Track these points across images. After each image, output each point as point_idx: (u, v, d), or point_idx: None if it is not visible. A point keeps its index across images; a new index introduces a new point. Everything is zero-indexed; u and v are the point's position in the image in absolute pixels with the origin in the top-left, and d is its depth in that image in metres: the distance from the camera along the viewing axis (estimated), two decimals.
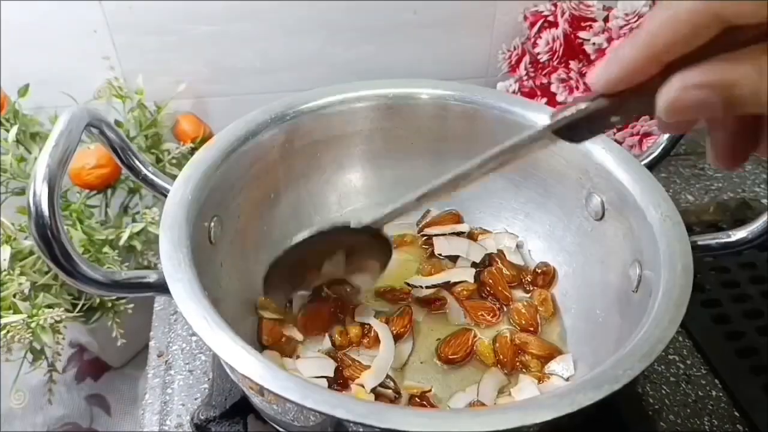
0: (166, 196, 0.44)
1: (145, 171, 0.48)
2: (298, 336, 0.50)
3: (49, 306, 0.59)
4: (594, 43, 0.65)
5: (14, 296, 0.57)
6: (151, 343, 0.56)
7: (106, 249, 0.63)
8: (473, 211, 0.60)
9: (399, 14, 0.72)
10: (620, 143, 0.67)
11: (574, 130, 0.30)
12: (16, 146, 0.65)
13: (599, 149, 0.50)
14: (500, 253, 0.56)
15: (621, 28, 0.64)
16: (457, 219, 0.59)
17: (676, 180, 0.75)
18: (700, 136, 0.81)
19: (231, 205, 0.49)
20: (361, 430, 0.34)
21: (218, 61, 0.72)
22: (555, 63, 0.68)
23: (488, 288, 0.54)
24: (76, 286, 0.38)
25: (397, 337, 0.50)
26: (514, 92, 0.71)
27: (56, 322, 0.58)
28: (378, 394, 0.46)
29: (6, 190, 0.67)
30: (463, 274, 0.54)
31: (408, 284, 0.54)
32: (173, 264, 0.39)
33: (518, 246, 0.58)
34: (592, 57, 0.66)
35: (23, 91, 0.67)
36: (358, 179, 0.59)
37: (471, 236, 0.58)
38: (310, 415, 0.37)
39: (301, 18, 0.70)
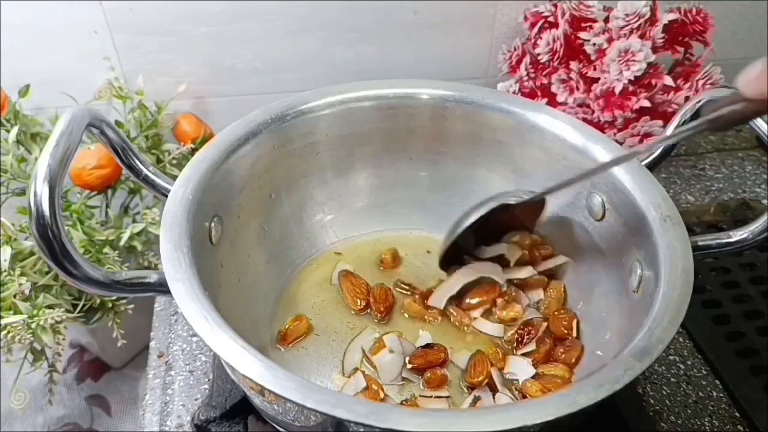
0: (166, 196, 0.44)
1: (145, 171, 0.48)
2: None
3: (50, 306, 0.59)
4: (594, 44, 0.65)
5: (15, 297, 0.57)
6: (152, 344, 0.57)
7: (106, 249, 0.63)
8: None
9: (399, 14, 0.72)
10: (621, 143, 0.67)
11: (724, 124, 0.38)
12: (16, 147, 0.65)
13: (599, 149, 0.50)
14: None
15: (621, 28, 0.64)
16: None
17: (677, 180, 0.75)
18: (700, 136, 0.81)
19: (231, 205, 0.49)
20: (361, 430, 0.34)
21: (218, 61, 0.72)
22: (555, 63, 0.68)
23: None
24: (76, 286, 0.38)
25: None
26: (514, 93, 0.71)
27: (57, 322, 0.58)
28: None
29: (6, 191, 0.67)
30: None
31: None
32: (174, 264, 0.39)
33: None
34: (593, 57, 0.66)
35: (24, 91, 0.67)
36: (358, 179, 0.59)
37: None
38: (310, 415, 0.37)
39: (301, 18, 0.70)
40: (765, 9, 0.78)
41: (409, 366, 0.49)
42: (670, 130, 0.51)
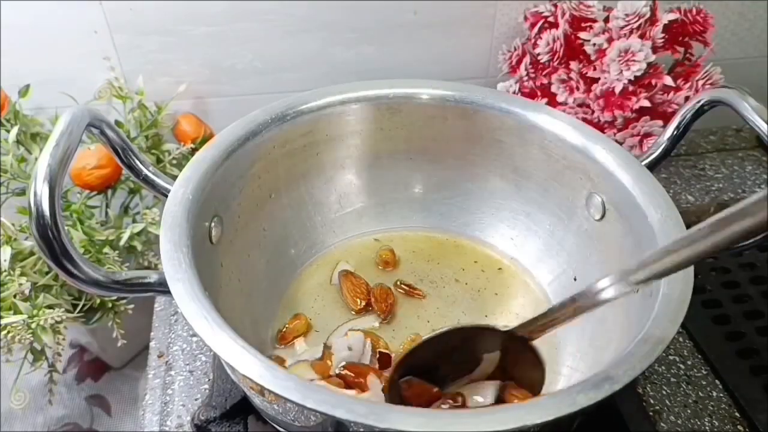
0: (166, 196, 0.44)
1: (145, 171, 0.48)
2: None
3: (50, 306, 0.59)
4: (594, 44, 0.65)
5: (15, 297, 0.57)
6: (152, 344, 0.57)
7: (106, 249, 0.63)
8: (473, 211, 0.60)
9: (399, 14, 0.72)
10: (621, 143, 0.67)
11: None
12: (16, 147, 0.65)
13: (600, 150, 0.50)
14: None
15: (621, 28, 0.64)
16: None
17: (677, 180, 0.75)
18: (700, 136, 0.81)
19: (231, 205, 0.49)
20: (361, 430, 0.34)
21: (218, 61, 0.72)
22: (555, 64, 0.68)
23: None
24: (76, 286, 0.38)
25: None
26: (514, 93, 0.71)
27: (57, 322, 0.58)
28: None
29: (6, 191, 0.67)
30: None
31: None
32: (173, 264, 0.39)
33: None
34: (593, 58, 0.66)
35: (24, 91, 0.67)
36: (358, 179, 0.60)
37: None
38: (310, 415, 0.37)
39: (301, 18, 0.70)
40: (765, 9, 0.78)
41: (338, 370, 0.46)
42: (670, 130, 0.51)
